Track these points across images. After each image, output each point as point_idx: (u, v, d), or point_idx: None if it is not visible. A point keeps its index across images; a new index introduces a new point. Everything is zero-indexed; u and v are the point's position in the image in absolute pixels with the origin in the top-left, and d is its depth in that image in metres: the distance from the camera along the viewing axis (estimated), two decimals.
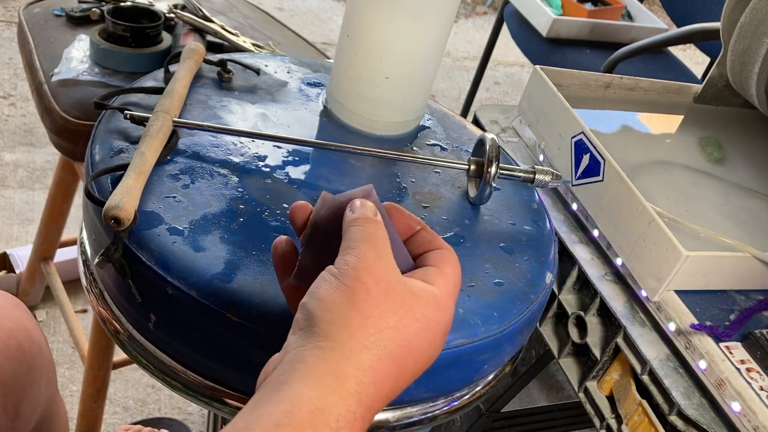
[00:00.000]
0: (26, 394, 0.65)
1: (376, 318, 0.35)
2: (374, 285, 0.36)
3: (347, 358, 0.34)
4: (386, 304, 0.36)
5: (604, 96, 0.93)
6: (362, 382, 0.34)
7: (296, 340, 0.35)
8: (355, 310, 0.35)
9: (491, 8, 3.47)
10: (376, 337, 0.35)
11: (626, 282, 0.70)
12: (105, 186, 0.52)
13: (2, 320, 0.65)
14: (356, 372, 0.34)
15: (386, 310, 0.36)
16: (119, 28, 0.93)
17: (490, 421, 0.97)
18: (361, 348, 0.34)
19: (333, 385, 0.33)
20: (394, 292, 0.36)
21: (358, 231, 0.39)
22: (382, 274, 0.37)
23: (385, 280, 0.36)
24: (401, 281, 0.37)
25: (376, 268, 0.37)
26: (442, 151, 0.69)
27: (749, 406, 0.56)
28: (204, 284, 0.47)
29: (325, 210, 0.41)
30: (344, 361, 0.34)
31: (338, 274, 0.36)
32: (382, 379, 0.35)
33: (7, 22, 2.26)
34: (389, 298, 0.36)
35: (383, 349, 0.35)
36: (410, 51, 0.62)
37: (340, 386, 0.33)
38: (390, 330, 0.36)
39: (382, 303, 0.36)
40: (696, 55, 3.28)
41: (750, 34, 0.83)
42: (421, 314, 0.37)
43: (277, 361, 0.36)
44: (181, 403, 1.29)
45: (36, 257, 1.28)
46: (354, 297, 0.35)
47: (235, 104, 0.65)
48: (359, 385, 0.34)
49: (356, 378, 0.34)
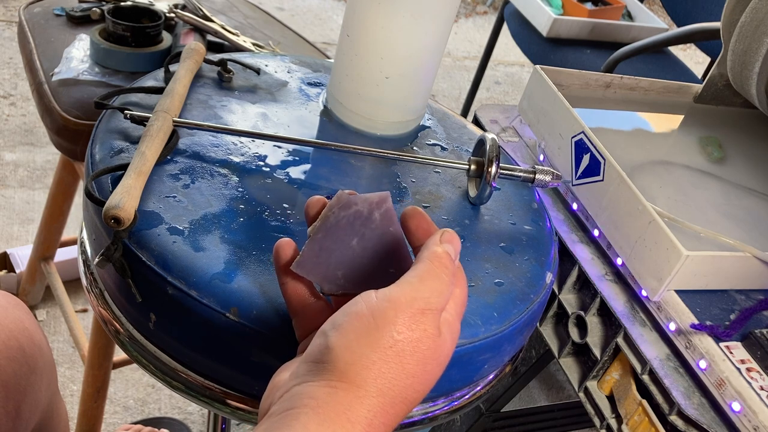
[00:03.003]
0: (27, 395, 0.65)
1: (397, 368, 0.34)
2: (407, 335, 0.34)
3: (361, 400, 0.33)
4: (412, 356, 0.34)
5: (604, 96, 0.93)
6: (373, 424, 0.33)
7: (307, 371, 0.34)
8: (378, 355, 0.33)
9: (491, 8, 3.47)
10: (393, 384, 0.34)
11: (626, 282, 0.70)
12: (105, 186, 0.52)
13: (3, 321, 0.65)
14: (368, 413, 0.33)
15: (411, 361, 0.34)
16: (119, 27, 0.93)
17: (490, 420, 0.97)
18: (377, 393, 0.33)
19: (346, 426, 0.32)
20: (424, 347, 0.35)
21: (432, 271, 0.36)
22: (421, 327, 0.35)
23: (419, 334, 0.34)
24: (435, 334, 0.35)
25: (417, 320, 0.35)
26: (443, 150, 0.69)
27: (749, 405, 0.56)
28: (204, 284, 0.47)
29: (338, 207, 0.41)
30: (357, 402, 0.33)
31: (374, 311, 0.34)
32: (392, 419, 0.34)
33: (7, 21, 2.26)
34: (417, 351, 0.34)
35: (398, 395, 0.34)
36: (410, 51, 0.62)
37: (352, 428, 0.32)
38: (410, 378, 0.34)
39: (408, 355, 0.34)
40: (696, 55, 3.28)
41: (750, 34, 0.83)
42: (444, 358, 0.36)
43: (281, 386, 0.34)
44: (181, 403, 1.29)
45: (36, 257, 1.28)
46: (381, 342, 0.34)
47: (235, 104, 0.65)
48: (370, 426, 0.33)
49: (367, 419, 0.33)
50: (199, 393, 0.51)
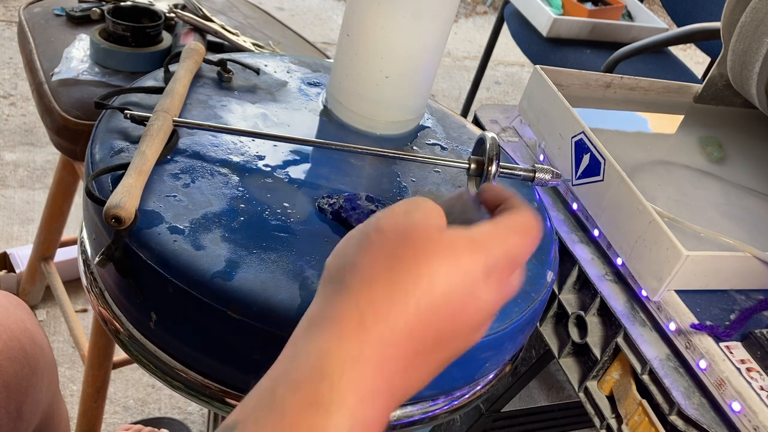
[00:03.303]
0: (28, 396, 0.65)
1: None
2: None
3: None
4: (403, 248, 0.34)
5: (604, 96, 0.93)
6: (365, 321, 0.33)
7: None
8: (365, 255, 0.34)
9: (491, 8, 3.47)
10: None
11: (626, 282, 0.70)
12: (105, 185, 0.52)
13: (5, 321, 0.65)
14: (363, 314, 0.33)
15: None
16: (119, 27, 0.93)
17: (490, 420, 0.97)
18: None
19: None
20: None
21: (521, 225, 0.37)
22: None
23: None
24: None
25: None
26: (442, 150, 0.69)
27: (749, 405, 0.56)
28: (205, 282, 0.47)
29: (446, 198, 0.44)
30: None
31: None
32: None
33: (7, 21, 2.27)
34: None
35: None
36: (410, 50, 0.62)
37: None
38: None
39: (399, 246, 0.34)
40: (696, 54, 3.28)
41: (750, 34, 0.83)
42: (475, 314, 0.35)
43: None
44: (181, 402, 1.29)
45: (36, 257, 1.28)
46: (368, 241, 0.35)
47: (235, 104, 0.65)
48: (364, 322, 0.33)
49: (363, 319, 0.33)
50: (199, 392, 0.51)
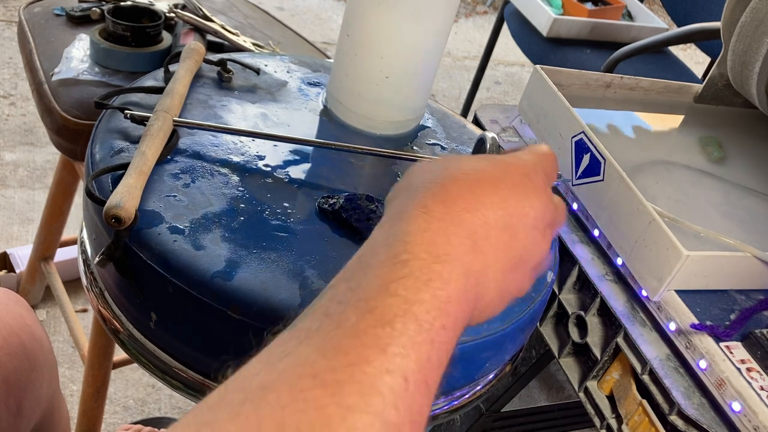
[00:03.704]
0: (28, 391, 0.65)
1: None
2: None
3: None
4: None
5: (604, 96, 0.93)
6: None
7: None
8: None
9: (491, 8, 3.47)
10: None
11: (626, 282, 0.70)
12: (105, 185, 0.52)
13: (4, 317, 0.65)
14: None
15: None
16: (119, 27, 0.93)
17: (490, 420, 0.97)
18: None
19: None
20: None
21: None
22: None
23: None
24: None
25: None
26: (442, 150, 0.69)
27: (749, 405, 0.56)
28: (205, 282, 0.47)
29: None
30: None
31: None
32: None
33: (7, 21, 2.26)
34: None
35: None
36: (410, 50, 0.62)
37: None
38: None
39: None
40: (696, 54, 3.28)
41: (750, 34, 0.83)
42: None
43: None
44: (181, 402, 1.29)
45: (36, 257, 1.28)
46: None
47: (235, 104, 0.65)
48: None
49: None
50: (200, 392, 0.51)
